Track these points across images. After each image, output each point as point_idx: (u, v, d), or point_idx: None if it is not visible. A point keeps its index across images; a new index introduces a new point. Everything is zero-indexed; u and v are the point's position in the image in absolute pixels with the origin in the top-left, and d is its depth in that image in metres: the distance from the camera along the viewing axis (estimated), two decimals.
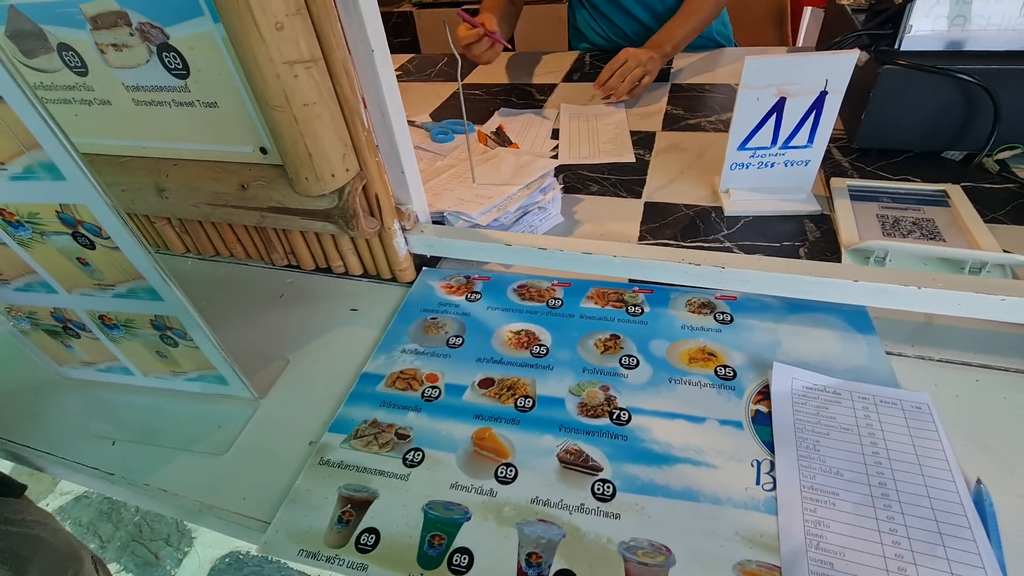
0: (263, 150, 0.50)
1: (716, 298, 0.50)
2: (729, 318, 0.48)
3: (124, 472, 0.44)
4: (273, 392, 0.48)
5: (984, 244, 0.49)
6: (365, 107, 0.48)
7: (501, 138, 0.83)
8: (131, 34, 0.46)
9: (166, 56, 0.46)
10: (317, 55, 0.42)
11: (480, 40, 0.90)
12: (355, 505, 0.37)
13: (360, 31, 0.44)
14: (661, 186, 0.68)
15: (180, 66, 0.46)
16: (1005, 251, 0.49)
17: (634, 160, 0.75)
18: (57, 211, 0.35)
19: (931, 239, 0.52)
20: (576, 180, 0.72)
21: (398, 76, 1.14)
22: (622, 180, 0.71)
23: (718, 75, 0.97)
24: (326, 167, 0.46)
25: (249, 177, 0.51)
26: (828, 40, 0.80)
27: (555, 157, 0.77)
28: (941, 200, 0.57)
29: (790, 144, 0.58)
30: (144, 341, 0.44)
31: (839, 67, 0.52)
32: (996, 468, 0.36)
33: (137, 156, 0.55)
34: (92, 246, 0.37)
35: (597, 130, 0.84)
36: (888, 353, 0.44)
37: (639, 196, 0.67)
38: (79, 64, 0.50)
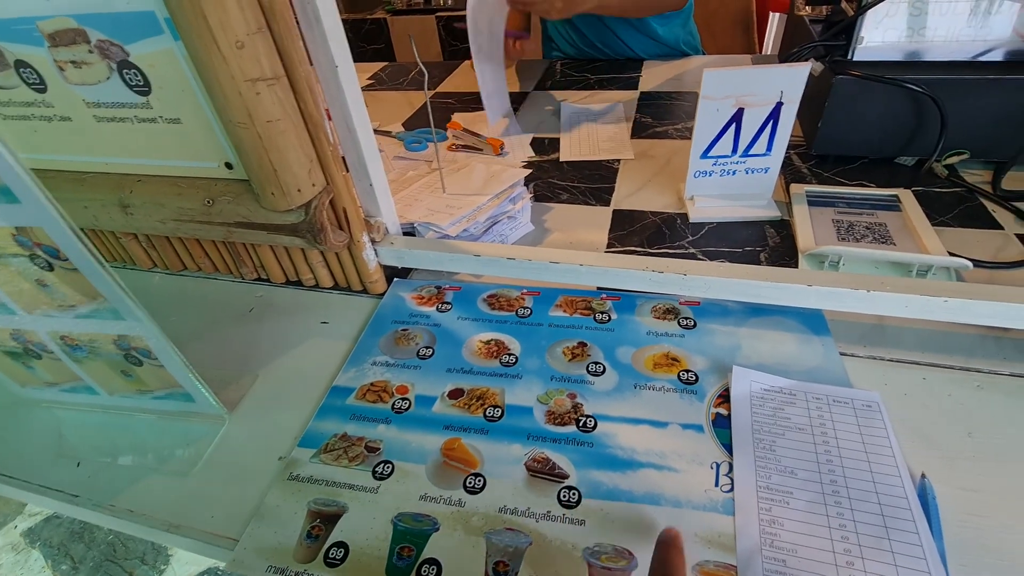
0: (228, 165, 0.49)
1: (680, 303, 0.51)
2: (692, 323, 0.49)
3: (89, 493, 0.43)
4: (242, 408, 0.48)
5: (931, 248, 0.52)
6: (330, 121, 0.48)
7: (474, 135, 0.83)
8: (90, 51, 0.45)
9: (127, 73, 0.46)
10: (279, 72, 0.42)
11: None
12: (324, 519, 0.37)
13: (323, 47, 0.44)
14: (629, 194, 0.70)
15: (141, 83, 0.46)
16: (951, 254, 0.52)
17: (633, 157, 0.78)
18: (13, 234, 0.34)
19: (883, 243, 0.54)
20: (546, 188, 0.73)
21: (370, 85, 1.15)
22: (591, 188, 0.72)
23: (685, 83, 0.99)
24: (292, 182, 0.46)
25: (215, 192, 0.51)
26: (788, 49, 0.82)
27: (526, 165, 0.78)
28: (893, 205, 0.60)
29: (750, 152, 0.60)
30: (108, 361, 0.44)
31: (793, 79, 0.54)
32: (940, 462, 0.38)
33: (100, 172, 0.55)
34: (51, 268, 0.36)
35: (596, 130, 0.87)
36: (842, 354, 0.46)
37: (608, 204, 0.68)
38: (37, 81, 0.49)
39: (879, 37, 0.63)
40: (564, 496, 0.37)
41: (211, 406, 0.45)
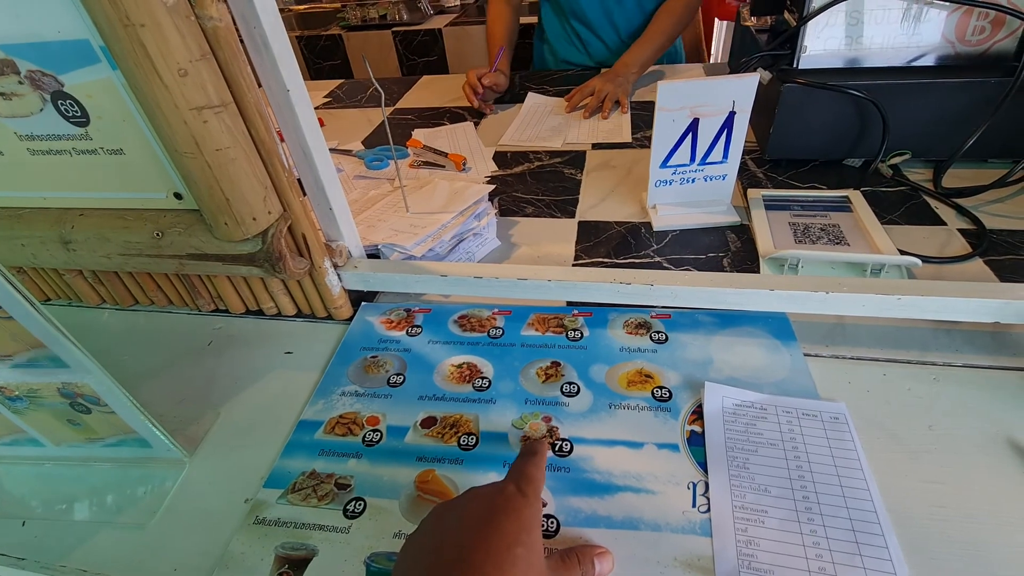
0: (177, 195, 0.47)
1: (652, 317, 0.51)
2: (664, 337, 0.49)
3: (36, 555, 0.40)
4: (203, 449, 0.45)
5: (882, 246, 0.54)
6: (284, 145, 0.46)
7: (435, 152, 0.83)
8: (20, 82, 0.43)
9: (62, 104, 0.43)
10: (227, 99, 0.40)
11: (479, 96, 0.99)
12: (292, 565, 0.35)
13: (273, 71, 0.43)
14: (593, 204, 0.71)
15: (79, 114, 0.44)
16: (901, 251, 0.54)
17: (631, 140, 0.86)
18: None
19: (837, 243, 0.56)
20: (511, 202, 0.73)
21: (328, 103, 1.13)
22: (556, 200, 0.72)
23: (642, 93, 1.01)
24: (246, 211, 0.44)
25: (164, 224, 0.48)
26: (738, 58, 0.85)
27: (489, 180, 0.78)
28: (844, 206, 0.62)
29: (707, 160, 0.61)
30: (52, 410, 0.41)
31: (743, 89, 0.55)
32: (904, 456, 0.39)
33: (37, 207, 0.52)
34: None
35: (543, 122, 0.94)
36: (806, 355, 0.47)
37: (573, 216, 0.69)
38: None
39: (821, 46, 0.66)
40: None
41: (169, 450, 0.43)
